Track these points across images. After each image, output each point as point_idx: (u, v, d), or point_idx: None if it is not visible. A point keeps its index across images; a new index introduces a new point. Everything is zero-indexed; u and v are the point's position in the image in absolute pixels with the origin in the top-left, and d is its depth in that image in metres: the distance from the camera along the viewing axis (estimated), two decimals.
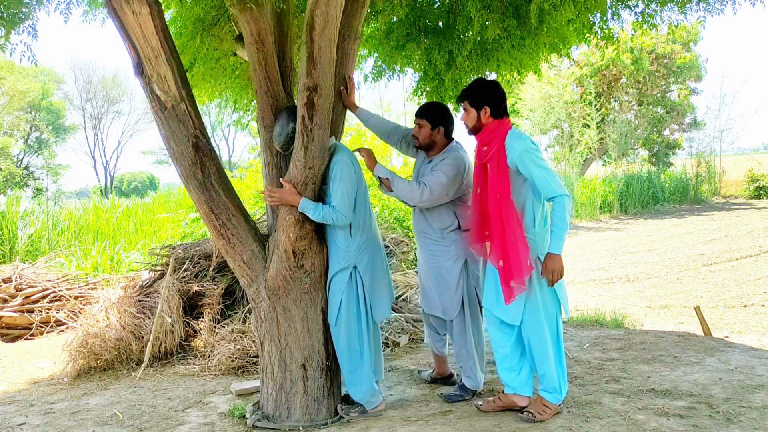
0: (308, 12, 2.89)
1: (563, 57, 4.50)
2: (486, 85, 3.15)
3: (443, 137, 3.45)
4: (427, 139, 3.44)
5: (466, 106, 3.16)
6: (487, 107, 3.09)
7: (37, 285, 6.18)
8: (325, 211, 3.05)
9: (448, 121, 3.46)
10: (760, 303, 6.49)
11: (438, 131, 3.43)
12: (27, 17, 2.89)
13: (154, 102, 3.11)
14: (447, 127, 3.45)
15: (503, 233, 2.98)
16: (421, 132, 3.44)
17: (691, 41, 22.32)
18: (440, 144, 3.45)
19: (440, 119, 3.43)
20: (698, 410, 3.12)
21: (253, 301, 3.32)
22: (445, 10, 4.26)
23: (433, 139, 3.44)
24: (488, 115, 3.09)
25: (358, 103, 3.61)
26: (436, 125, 3.42)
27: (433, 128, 3.42)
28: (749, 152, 42.11)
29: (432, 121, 3.42)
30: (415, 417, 3.23)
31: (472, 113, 3.13)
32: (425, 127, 3.43)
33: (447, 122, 3.45)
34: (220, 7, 3.76)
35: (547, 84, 18.00)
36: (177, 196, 14.71)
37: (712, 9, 3.88)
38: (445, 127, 3.44)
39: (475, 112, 3.12)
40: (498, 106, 3.10)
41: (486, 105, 3.09)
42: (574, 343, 4.60)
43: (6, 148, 30.77)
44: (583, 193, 18.50)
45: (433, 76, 4.44)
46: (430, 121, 3.42)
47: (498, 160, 3.00)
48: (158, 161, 47.79)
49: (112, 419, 3.47)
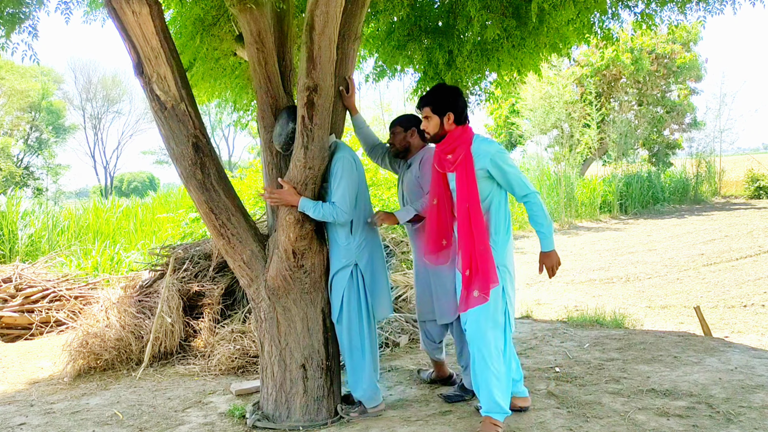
0: (308, 12, 2.89)
1: (563, 57, 4.50)
2: (449, 91, 3.03)
3: (418, 139, 3.55)
4: (403, 142, 3.56)
5: (428, 112, 3.01)
6: (451, 113, 2.95)
7: (37, 285, 6.18)
8: (325, 209, 3.05)
9: (418, 124, 3.55)
10: (760, 303, 6.49)
11: (411, 133, 3.54)
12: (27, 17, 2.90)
13: (154, 102, 3.11)
14: (418, 129, 3.54)
15: (473, 243, 2.85)
16: (396, 138, 3.58)
17: (691, 41, 22.33)
18: (416, 146, 3.56)
19: (411, 123, 3.55)
20: (698, 410, 3.12)
21: (253, 301, 3.32)
22: (446, 10, 4.26)
23: (408, 141, 3.55)
24: (452, 121, 2.96)
25: (358, 104, 3.63)
26: (408, 128, 3.54)
27: (406, 131, 3.54)
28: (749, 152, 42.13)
29: (404, 126, 3.55)
30: (415, 417, 3.23)
31: (434, 120, 2.99)
32: (399, 133, 3.56)
33: (418, 125, 3.54)
34: (220, 7, 3.76)
35: (547, 84, 17.98)
36: (177, 196, 14.72)
37: (711, 9, 3.88)
38: (417, 128, 3.54)
39: (438, 119, 2.98)
40: (461, 112, 2.98)
41: (450, 111, 2.96)
42: (574, 343, 4.60)
43: (6, 148, 30.76)
44: (583, 193, 18.50)
45: (433, 76, 4.44)
46: (402, 126, 3.55)
47: (466, 167, 2.88)
48: (158, 161, 47.79)
49: (112, 419, 3.47)
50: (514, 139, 22.88)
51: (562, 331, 5.01)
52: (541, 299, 7.48)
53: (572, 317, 5.59)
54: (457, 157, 2.92)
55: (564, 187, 17.38)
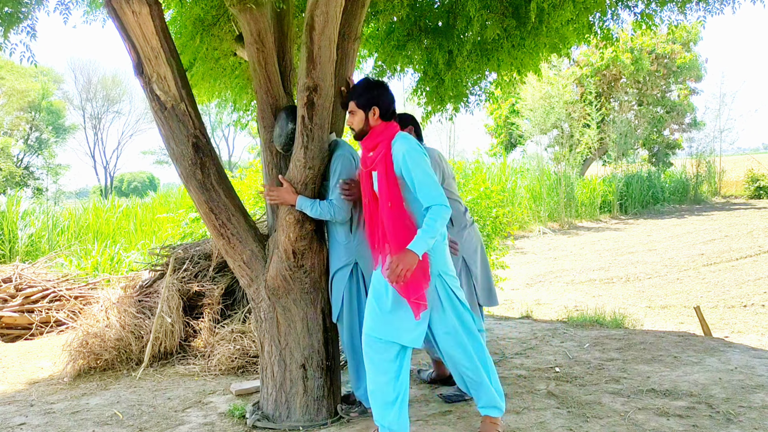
0: (308, 12, 2.89)
1: (563, 57, 4.50)
2: (375, 85, 2.90)
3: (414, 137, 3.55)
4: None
5: (353, 107, 2.86)
6: (376, 108, 2.81)
7: (37, 285, 6.18)
8: (323, 207, 3.05)
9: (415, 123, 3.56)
10: (760, 303, 6.50)
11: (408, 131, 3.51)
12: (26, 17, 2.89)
13: (154, 102, 3.11)
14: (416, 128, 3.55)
15: (399, 246, 2.68)
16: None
17: (691, 41, 22.34)
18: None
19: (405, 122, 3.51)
20: (698, 410, 3.12)
21: (253, 301, 3.32)
22: (445, 10, 4.26)
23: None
24: (377, 116, 2.82)
25: None
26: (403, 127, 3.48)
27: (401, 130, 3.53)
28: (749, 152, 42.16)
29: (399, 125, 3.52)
30: (415, 417, 3.23)
31: (359, 115, 2.84)
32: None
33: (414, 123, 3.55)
34: (220, 7, 3.76)
35: (547, 84, 17.99)
36: (177, 196, 14.73)
37: (711, 9, 3.87)
38: (415, 127, 3.53)
39: (363, 114, 2.83)
40: (387, 108, 2.84)
41: (375, 105, 2.82)
42: (574, 343, 4.60)
43: (6, 148, 30.77)
44: (583, 193, 18.51)
45: (433, 76, 4.44)
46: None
47: (386, 165, 2.73)
48: (158, 161, 47.82)
49: (112, 419, 3.47)
50: (514, 139, 22.89)
51: (562, 331, 5.02)
52: (541, 299, 7.48)
53: (572, 317, 5.59)
54: (378, 154, 2.78)
55: (564, 187, 17.38)
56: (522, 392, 3.52)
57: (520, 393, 3.51)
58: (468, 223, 3.62)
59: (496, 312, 6.31)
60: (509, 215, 8.64)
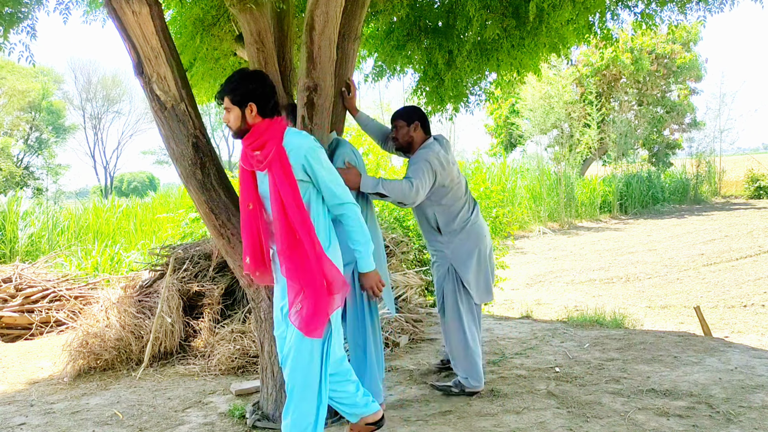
0: (308, 12, 2.89)
1: (563, 57, 4.50)
2: (249, 78, 2.57)
3: (421, 133, 3.53)
4: (406, 137, 3.54)
5: (227, 103, 2.56)
6: (253, 104, 2.52)
7: (37, 285, 6.17)
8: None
9: (421, 116, 3.55)
10: (760, 303, 6.50)
11: (414, 127, 3.51)
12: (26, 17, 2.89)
13: (154, 102, 3.11)
14: (422, 122, 3.54)
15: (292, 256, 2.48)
16: (400, 132, 3.55)
17: (691, 41, 22.34)
18: (418, 140, 3.54)
19: (413, 116, 3.53)
20: (698, 410, 3.12)
21: (253, 301, 3.32)
22: (445, 9, 4.26)
23: (411, 135, 3.53)
24: (255, 113, 2.53)
25: (358, 104, 3.63)
26: (411, 121, 3.51)
27: (408, 124, 3.52)
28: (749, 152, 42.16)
29: (406, 119, 3.52)
30: (415, 417, 3.23)
31: (235, 112, 2.54)
32: (402, 127, 3.53)
33: (420, 117, 3.54)
34: (220, 7, 3.76)
35: (547, 84, 18.00)
36: (177, 196, 14.72)
37: (712, 8, 3.87)
38: (420, 121, 3.52)
39: (239, 111, 2.53)
40: (266, 103, 2.55)
41: (251, 101, 2.52)
42: (574, 343, 4.60)
43: (6, 148, 30.77)
44: (583, 193, 18.51)
45: (433, 76, 4.44)
46: (404, 119, 3.53)
47: (281, 164, 2.47)
48: (158, 161, 47.83)
49: (112, 419, 3.46)
50: (514, 139, 22.89)
51: (562, 331, 5.02)
52: (541, 299, 7.48)
53: (572, 317, 5.59)
54: (266, 153, 2.50)
55: (564, 187, 17.38)
56: (522, 392, 3.52)
57: (520, 393, 3.51)
58: (459, 228, 3.50)
59: (496, 312, 6.32)
60: (509, 215, 8.65)
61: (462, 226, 3.51)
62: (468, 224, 3.53)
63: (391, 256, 5.84)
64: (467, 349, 3.47)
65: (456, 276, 3.50)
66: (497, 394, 3.50)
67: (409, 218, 6.49)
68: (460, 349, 3.48)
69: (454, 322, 3.50)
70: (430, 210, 3.52)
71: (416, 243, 6.21)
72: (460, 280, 3.49)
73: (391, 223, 6.41)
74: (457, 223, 3.50)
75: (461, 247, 3.50)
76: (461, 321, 3.49)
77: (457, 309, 3.50)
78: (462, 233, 3.50)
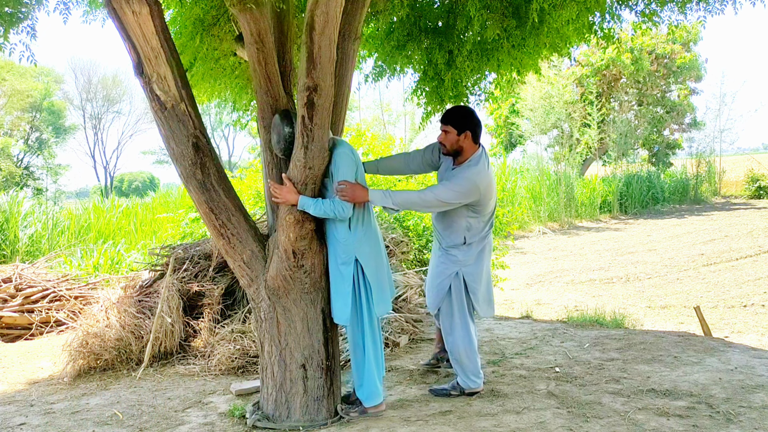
0: (308, 12, 2.89)
1: (563, 57, 4.50)
2: None
3: (471, 142, 3.36)
4: (454, 146, 3.36)
5: None
6: None
7: (37, 285, 6.17)
8: (326, 205, 3.05)
9: (474, 125, 3.36)
10: (760, 303, 6.50)
11: (465, 136, 3.34)
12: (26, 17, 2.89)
13: (154, 102, 3.11)
14: (474, 131, 3.36)
15: None
16: (448, 138, 3.36)
17: (691, 41, 22.34)
18: (468, 150, 3.35)
19: (465, 125, 3.34)
20: (698, 410, 3.12)
21: (253, 301, 3.32)
22: (445, 9, 4.26)
23: (461, 145, 3.35)
24: None
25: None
26: (463, 130, 3.33)
27: (459, 133, 3.34)
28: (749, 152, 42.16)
29: (458, 127, 3.34)
30: (415, 417, 3.23)
31: None
32: (451, 132, 3.34)
33: (474, 126, 3.35)
34: (220, 7, 3.76)
35: (547, 84, 17.99)
36: (177, 196, 14.72)
37: (712, 9, 3.87)
38: (471, 131, 3.35)
39: None
40: None
41: None
42: (574, 343, 4.60)
43: (6, 148, 30.77)
44: (583, 193, 18.50)
45: (433, 76, 4.43)
46: (455, 126, 3.34)
47: None
48: (158, 161, 47.84)
49: (112, 419, 3.46)
50: (514, 139, 22.89)
51: (562, 331, 5.01)
52: (541, 299, 7.48)
53: (572, 317, 5.59)
54: None
55: (564, 187, 17.38)
56: (522, 392, 3.52)
57: (520, 393, 3.51)
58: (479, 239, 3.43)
59: (496, 312, 6.31)
60: (509, 215, 8.64)
61: (483, 236, 3.47)
62: (487, 237, 3.51)
63: (391, 256, 5.85)
64: (468, 349, 3.47)
65: (463, 279, 3.48)
66: (497, 394, 3.50)
67: (409, 218, 6.49)
68: (460, 349, 3.48)
69: (455, 321, 3.49)
70: (464, 221, 3.39)
71: (416, 243, 6.20)
72: (466, 285, 3.48)
73: (391, 223, 6.40)
74: (481, 235, 3.46)
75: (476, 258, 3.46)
76: (462, 320, 3.48)
77: (462, 309, 3.49)
78: (479, 245, 3.46)
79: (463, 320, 3.48)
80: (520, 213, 15.43)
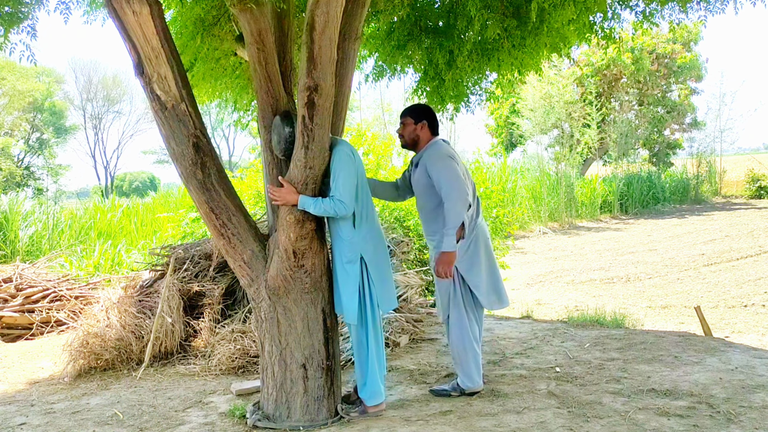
0: (309, 12, 2.89)
1: (563, 57, 4.50)
2: None
3: (427, 132, 3.53)
4: (411, 134, 3.54)
5: None
6: None
7: (38, 285, 6.18)
8: (326, 204, 3.04)
9: (431, 117, 3.55)
10: (760, 303, 6.50)
11: (422, 126, 3.51)
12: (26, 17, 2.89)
13: (154, 102, 3.11)
14: (430, 122, 3.54)
15: None
16: (406, 129, 3.55)
17: (691, 41, 22.34)
18: (425, 139, 3.53)
19: (422, 115, 3.53)
20: (698, 410, 3.12)
21: (254, 301, 3.32)
22: (446, 9, 4.26)
23: (417, 134, 3.53)
24: None
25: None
26: (419, 120, 3.52)
27: (416, 122, 3.52)
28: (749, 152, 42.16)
29: (414, 117, 3.53)
30: (415, 417, 3.23)
31: None
32: (409, 124, 3.54)
33: (430, 118, 3.53)
34: (221, 7, 3.76)
35: (547, 84, 18.00)
36: (177, 196, 14.73)
37: (713, 8, 3.87)
38: (428, 121, 3.52)
39: None
40: None
41: None
42: (574, 343, 4.59)
43: (7, 148, 30.79)
44: (583, 193, 18.50)
45: (434, 75, 4.43)
46: (413, 117, 3.53)
47: None
48: (158, 161, 47.85)
49: (113, 419, 3.46)
50: (515, 139, 22.88)
51: (563, 331, 5.01)
52: (541, 299, 7.48)
53: (573, 317, 5.59)
54: None
55: (564, 187, 17.38)
56: (522, 392, 3.52)
57: (521, 393, 3.51)
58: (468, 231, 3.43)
59: (497, 312, 6.31)
60: (509, 215, 8.64)
61: (472, 226, 3.45)
62: (477, 226, 3.48)
63: (392, 256, 5.85)
64: (467, 349, 3.46)
65: (458, 275, 3.47)
66: (498, 394, 3.50)
67: (409, 218, 6.49)
68: (461, 348, 3.47)
69: (453, 320, 3.49)
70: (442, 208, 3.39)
71: (416, 243, 6.20)
72: (463, 279, 3.47)
73: (391, 223, 6.40)
74: (470, 226, 3.42)
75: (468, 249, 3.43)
76: (460, 319, 3.48)
77: (458, 307, 3.48)
78: (469, 235, 3.42)
79: (460, 319, 3.47)
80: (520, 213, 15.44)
